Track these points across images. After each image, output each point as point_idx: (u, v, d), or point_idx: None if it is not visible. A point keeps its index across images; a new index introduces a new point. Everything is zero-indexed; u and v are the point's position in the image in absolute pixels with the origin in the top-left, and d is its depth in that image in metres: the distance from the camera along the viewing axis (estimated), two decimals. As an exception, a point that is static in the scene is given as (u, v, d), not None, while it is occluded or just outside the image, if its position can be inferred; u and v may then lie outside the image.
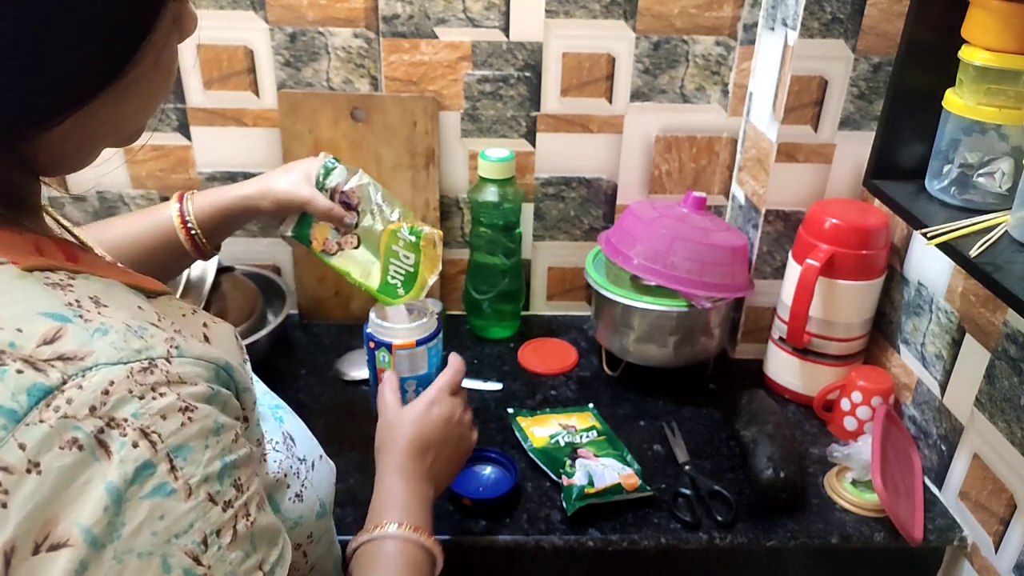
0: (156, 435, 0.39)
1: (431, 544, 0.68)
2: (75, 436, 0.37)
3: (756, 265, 1.13)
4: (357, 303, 1.24)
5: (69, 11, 0.39)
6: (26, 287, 0.40)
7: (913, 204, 0.94)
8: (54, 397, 0.37)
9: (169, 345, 0.42)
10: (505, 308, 1.22)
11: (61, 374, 0.38)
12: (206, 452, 0.41)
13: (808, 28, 0.97)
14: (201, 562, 0.40)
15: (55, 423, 0.37)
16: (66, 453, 0.37)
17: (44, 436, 0.37)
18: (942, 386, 0.94)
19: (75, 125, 0.43)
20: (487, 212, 1.15)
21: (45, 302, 0.40)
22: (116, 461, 0.38)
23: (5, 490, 0.36)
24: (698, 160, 1.20)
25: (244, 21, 1.09)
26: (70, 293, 0.41)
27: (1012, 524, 0.83)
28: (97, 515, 0.37)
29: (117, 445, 0.38)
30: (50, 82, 0.41)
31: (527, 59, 1.13)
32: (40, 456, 0.37)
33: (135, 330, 0.41)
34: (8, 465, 0.36)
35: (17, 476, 0.36)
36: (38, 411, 0.37)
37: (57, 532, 0.37)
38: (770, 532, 0.88)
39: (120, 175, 1.18)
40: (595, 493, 0.88)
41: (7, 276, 0.40)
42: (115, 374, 0.39)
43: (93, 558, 0.37)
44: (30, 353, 0.38)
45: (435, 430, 0.76)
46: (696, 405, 1.09)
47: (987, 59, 0.85)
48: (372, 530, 0.67)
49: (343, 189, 0.91)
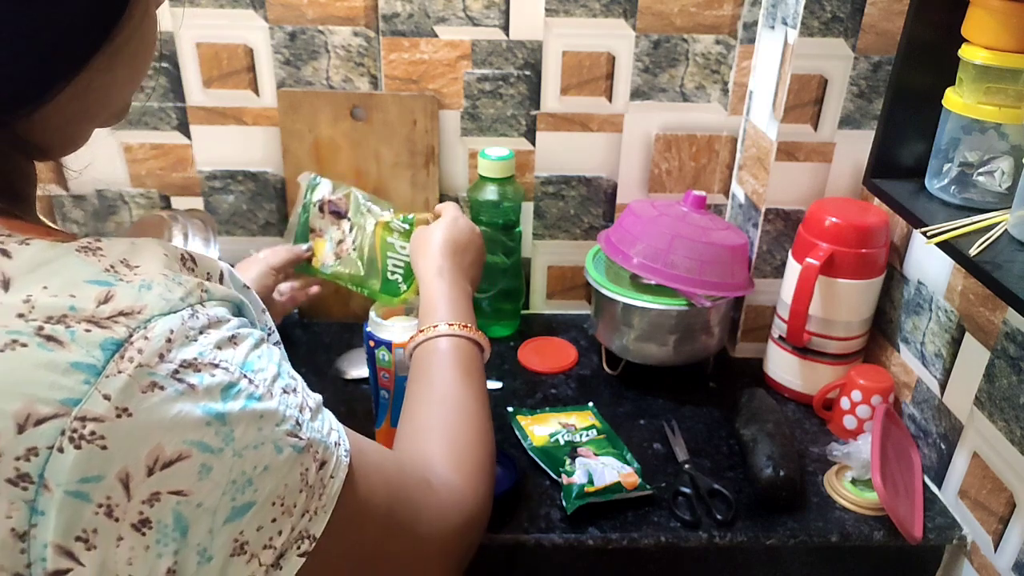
0: (225, 363, 0.44)
1: (479, 336, 0.79)
2: (153, 380, 0.41)
3: (756, 264, 1.13)
4: (357, 301, 1.24)
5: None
6: (63, 257, 0.43)
7: (913, 203, 0.94)
8: (126, 349, 0.41)
9: (201, 290, 0.46)
10: (505, 307, 1.22)
11: (126, 328, 0.41)
12: (262, 360, 0.47)
13: (808, 27, 0.97)
14: (301, 436, 0.47)
15: (133, 372, 0.40)
16: (150, 395, 0.41)
17: (125, 384, 0.40)
18: (942, 385, 0.94)
19: (69, 98, 0.45)
20: (487, 211, 1.15)
21: (85, 270, 0.42)
22: (202, 390, 0.43)
23: (101, 436, 0.39)
24: (698, 159, 1.20)
25: (244, 20, 1.09)
26: (103, 259, 0.44)
27: (1011, 523, 0.83)
28: (203, 430, 0.42)
29: (197, 379, 0.42)
30: (42, 51, 0.42)
31: (527, 58, 1.13)
32: (126, 402, 0.40)
33: (172, 279, 0.45)
34: (99, 415, 0.39)
35: (109, 423, 0.40)
36: (115, 363, 0.40)
37: (167, 453, 0.41)
38: (770, 531, 0.88)
39: (120, 174, 1.18)
40: (595, 492, 0.88)
41: (40, 248, 0.42)
42: (172, 323, 0.43)
43: (214, 460, 0.42)
44: (92, 313, 0.41)
45: (463, 233, 0.88)
46: (696, 404, 1.09)
47: (987, 58, 0.85)
48: (425, 331, 0.78)
49: (330, 199, 0.92)
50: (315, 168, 1.16)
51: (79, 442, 0.39)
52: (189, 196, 1.20)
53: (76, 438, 0.39)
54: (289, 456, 0.46)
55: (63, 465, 0.39)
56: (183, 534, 0.42)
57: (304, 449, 0.47)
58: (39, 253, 0.42)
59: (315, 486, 0.48)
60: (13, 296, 0.40)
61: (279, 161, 1.18)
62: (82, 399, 0.39)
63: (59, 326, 0.40)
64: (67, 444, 0.39)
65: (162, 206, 1.21)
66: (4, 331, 0.39)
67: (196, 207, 1.21)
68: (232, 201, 1.21)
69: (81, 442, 0.39)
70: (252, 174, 1.19)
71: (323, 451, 0.49)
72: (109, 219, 1.21)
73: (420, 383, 0.75)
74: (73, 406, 0.39)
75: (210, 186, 1.20)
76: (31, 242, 0.43)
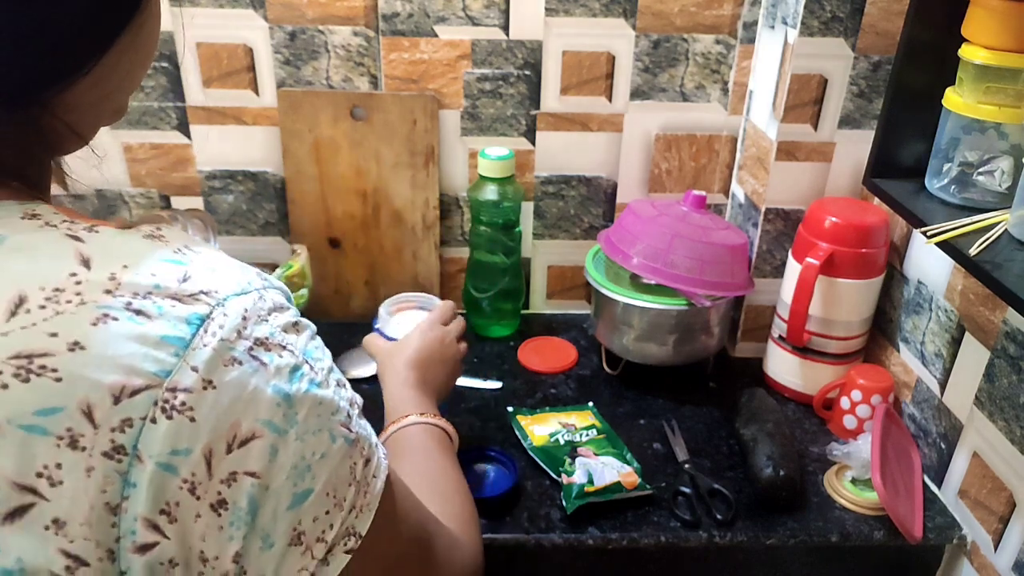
0: (291, 346, 0.46)
1: (447, 425, 0.81)
2: (233, 355, 0.43)
3: (756, 264, 1.13)
4: (357, 301, 1.24)
5: None
6: (133, 241, 0.45)
7: (913, 203, 0.94)
8: (209, 323, 0.43)
9: (261, 277, 0.48)
10: (505, 306, 1.22)
11: (207, 305, 0.43)
12: (318, 350, 0.49)
13: (808, 26, 0.97)
14: (352, 429, 0.49)
15: (216, 345, 0.42)
16: (231, 369, 0.42)
17: (210, 357, 0.42)
18: (941, 384, 0.94)
19: (93, 80, 0.46)
20: (487, 210, 1.15)
21: (158, 252, 0.44)
22: (273, 370, 0.44)
23: (190, 407, 0.41)
24: (698, 159, 1.20)
25: (243, 19, 1.09)
26: (169, 243, 0.45)
27: (1011, 522, 0.83)
28: (273, 410, 0.44)
29: (268, 358, 0.44)
30: (79, 25, 0.44)
31: (527, 57, 1.13)
32: (211, 375, 0.42)
33: (234, 266, 0.47)
34: (188, 386, 0.41)
35: (196, 394, 0.41)
36: (200, 337, 0.42)
37: (243, 431, 0.43)
38: (770, 530, 0.88)
39: (120, 173, 1.18)
40: (595, 491, 0.88)
41: (109, 233, 0.44)
42: (245, 303, 0.45)
43: (280, 442, 0.44)
44: (176, 291, 0.43)
45: (431, 348, 0.88)
46: (696, 403, 1.09)
47: (987, 57, 0.85)
48: (396, 422, 0.79)
49: None
50: (315, 168, 1.16)
51: (171, 412, 0.40)
52: (189, 196, 1.20)
53: (168, 409, 0.40)
54: (341, 447, 0.48)
55: (156, 436, 0.40)
56: (253, 518, 0.43)
57: (354, 443, 0.49)
58: (110, 238, 0.44)
59: (362, 482, 0.50)
60: (96, 273, 0.41)
61: (279, 161, 1.18)
62: (172, 371, 0.41)
63: (147, 301, 0.41)
64: (160, 415, 0.40)
65: (162, 206, 1.21)
66: (94, 305, 0.40)
67: (196, 207, 1.21)
68: (232, 201, 1.21)
69: (173, 412, 0.40)
70: (252, 174, 1.19)
71: (368, 448, 0.51)
72: (109, 219, 1.21)
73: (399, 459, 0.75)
74: (164, 377, 0.41)
75: (210, 186, 1.20)
76: (99, 229, 0.44)
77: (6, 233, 0.42)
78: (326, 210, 1.19)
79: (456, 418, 1.03)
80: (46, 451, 0.39)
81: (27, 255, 0.42)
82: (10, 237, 0.42)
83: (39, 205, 0.45)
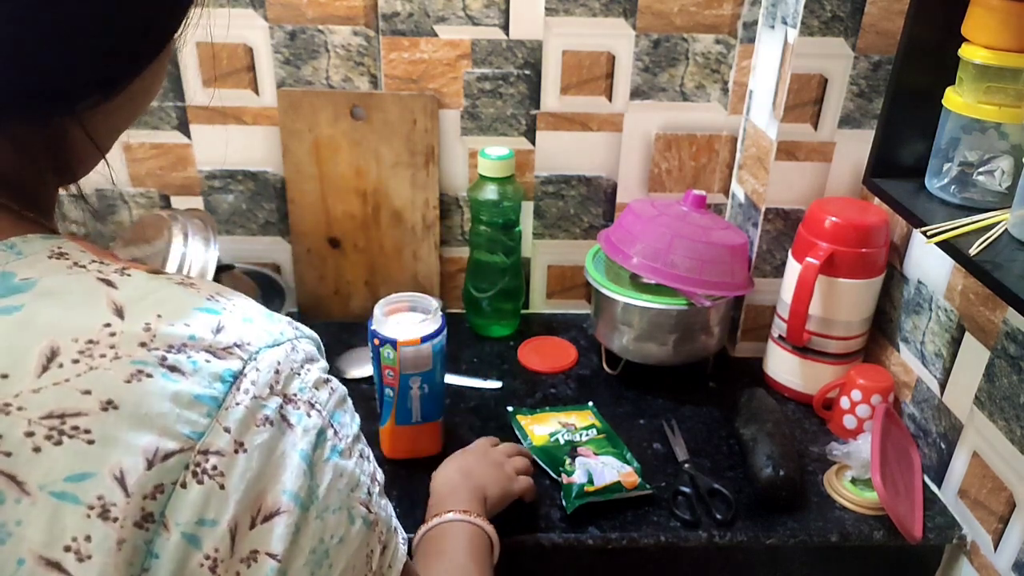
0: (319, 404, 0.43)
1: (490, 530, 0.77)
2: (266, 414, 0.41)
3: (756, 263, 1.13)
4: (357, 301, 1.24)
5: None
6: (164, 287, 0.42)
7: (913, 202, 0.94)
8: (241, 381, 0.40)
9: (292, 326, 0.46)
10: (505, 306, 1.22)
11: (240, 360, 0.41)
12: (346, 415, 0.46)
13: (808, 26, 0.97)
14: (371, 509, 0.46)
15: (249, 404, 0.40)
16: (262, 430, 0.40)
17: (242, 417, 0.40)
18: (941, 384, 0.94)
19: (122, 101, 0.45)
20: (487, 210, 1.15)
21: (191, 299, 0.42)
22: (299, 431, 0.42)
23: (221, 472, 0.39)
24: (698, 158, 1.20)
25: (243, 19, 1.09)
26: (201, 290, 0.43)
27: (1011, 522, 0.83)
28: (299, 480, 0.41)
29: (295, 418, 0.42)
30: (138, 26, 0.43)
31: (527, 57, 1.13)
32: (243, 436, 0.39)
33: (267, 314, 0.45)
34: (220, 449, 0.39)
35: (228, 458, 0.39)
36: (232, 395, 0.40)
37: (268, 503, 0.40)
38: (769, 530, 0.88)
39: (119, 173, 1.18)
40: (594, 491, 0.88)
41: (142, 279, 0.42)
42: (278, 355, 0.42)
43: (302, 519, 0.41)
44: (210, 343, 0.40)
45: (474, 458, 0.87)
46: (696, 403, 1.09)
47: (987, 57, 0.85)
48: (438, 515, 0.77)
49: None
50: (315, 168, 1.16)
51: (201, 477, 0.38)
52: (189, 196, 1.20)
53: (199, 473, 0.38)
54: (360, 530, 0.45)
55: (185, 502, 0.38)
56: None
57: (372, 525, 0.46)
58: (143, 283, 0.42)
59: (377, 573, 0.46)
60: (131, 324, 0.39)
61: (279, 160, 1.18)
62: (205, 432, 0.39)
63: (181, 355, 0.39)
64: (191, 479, 0.38)
65: (162, 206, 1.21)
66: (129, 361, 0.38)
67: (196, 207, 1.21)
68: (232, 201, 1.21)
69: (203, 477, 0.38)
70: (252, 174, 1.19)
71: (386, 532, 0.48)
72: (109, 219, 1.21)
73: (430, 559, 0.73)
74: (197, 440, 0.38)
75: (210, 186, 1.20)
76: (130, 272, 0.42)
77: (35, 276, 0.40)
78: (326, 210, 1.19)
79: (456, 418, 1.04)
80: (76, 522, 0.36)
81: (58, 301, 0.39)
82: (40, 281, 0.40)
83: (64, 242, 0.43)
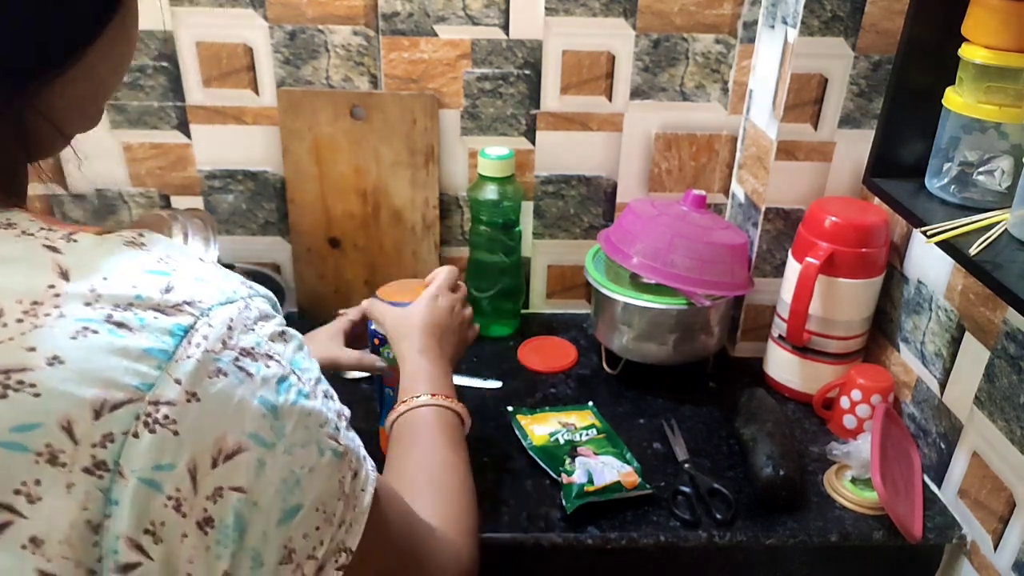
0: (277, 356, 0.45)
1: (459, 407, 0.79)
2: (219, 367, 0.42)
3: (756, 263, 1.13)
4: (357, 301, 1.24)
5: None
6: (113, 250, 0.44)
7: (913, 202, 0.94)
8: (193, 334, 0.42)
9: (247, 285, 0.47)
10: (505, 306, 1.22)
11: (191, 315, 0.42)
12: (306, 360, 0.48)
13: (808, 26, 0.97)
14: (340, 442, 0.48)
15: (200, 357, 0.42)
16: (216, 380, 0.42)
17: (193, 369, 0.41)
18: (941, 384, 0.94)
19: (79, 75, 0.46)
20: (487, 210, 1.15)
21: (140, 261, 0.44)
22: (259, 380, 0.44)
23: (173, 420, 0.40)
24: (698, 158, 1.20)
25: (243, 19, 1.09)
26: (152, 251, 0.45)
27: (1011, 522, 0.83)
28: (259, 422, 0.43)
29: (254, 368, 0.44)
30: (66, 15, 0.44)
31: (527, 57, 1.13)
32: (195, 387, 0.41)
33: (222, 275, 0.46)
34: (171, 399, 0.40)
35: (180, 407, 0.40)
36: (183, 348, 0.41)
37: (228, 444, 0.42)
38: (769, 530, 0.88)
39: (119, 173, 1.18)
40: (594, 491, 0.88)
41: (89, 242, 0.43)
42: (230, 312, 0.44)
43: (268, 456, 0.43)
44: (159, 302, 0.42)
45: (443, 316, 0.87)
46: (696, 403, 1.09)
47: (987, 57, 0.85)
48: (407, 401, 0.78)
49: None
50: (315, 167, 1.16)
51: (153, 426, 0.40)
52: (189, 195, 1.20)
53: (151, 423, 0.40)
54: (330, 460, 0.47)
55: (138, 450, 0.39)
56: (241, 535, 0.42)
57: (342, 455, 0.48)
58: (89, 247, 0.43)
59: (351, 496, 0.49)
60: (76, 286, 0.41)
61: (278, 160, 1.18)
62: (155, 384, 0.40)
63: (128, 313, 0.41)
64: (142, 429, 0.40)
65: (162, 205, 1.21)
66: (73, 319, 0.40)
67: (196, 206, 1.21)
68: (232, 200, 1.21)
69: (155, 426, 0.40)
70: (252, 173, 1.19)
71: (356, 461, 0.50)
72: (109, 218, 1.21)
73: (406, 446, 0.75)
74: (147, 391, 0.40)
75: (210, 185, 1.20)
76: (77, 237, 0.43)
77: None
78: (326, 210, 1.19)
79: (456, 418, 1.04)
80: (25, 468, 0.38)
81: (4, 267, 0.41)
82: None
83: (15, 213, 0.44)
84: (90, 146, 1.16)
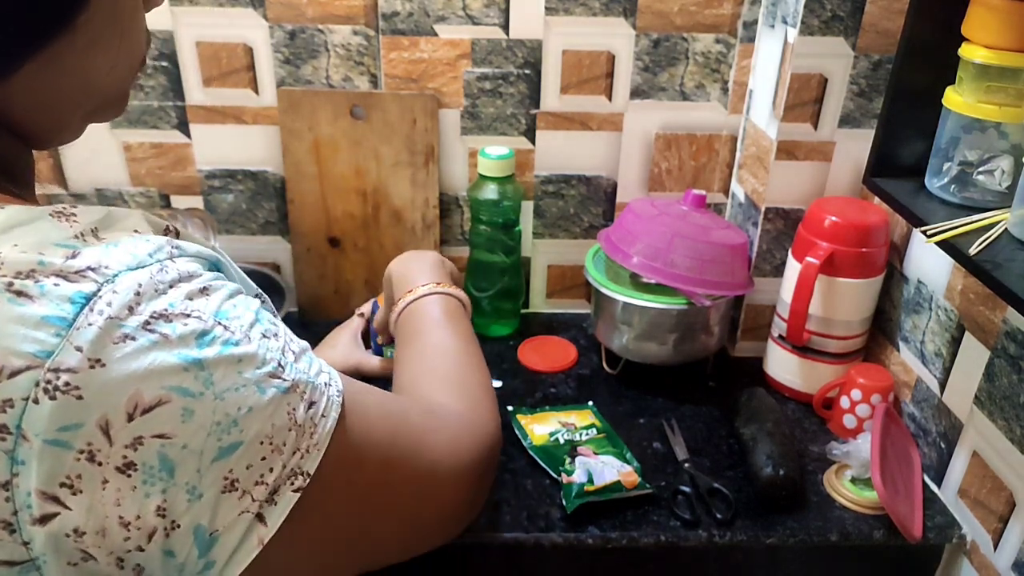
0: (196, 312, 0.45)
1: (461, 293, 0.80)
2: (124, 332, 0.42)
3: (756, 263, 1.13)
4: (357, 301, 1.24)
5: None
6: (35, 219, 0.44)
7: (913, 202, 0.94)
8: (95, 302, 0.41)
9: (171, 246, 0.47)
10: (504, 306, 1.22)
11: (94, 282, 0.42)
12: (237, 308, 0.48)
13: (808, 25, 0.97)
14: (284, 377, 0.48)
15: (103, 324, 0.41)
16: (122, 345, 0.41)
17: (95, 337, 0.41)
18: (941, 384, 0.94)
19: (39, 75, 0.45)
20: (487, 210, 1.15)
21: (56, 234, 0.43)
22: (176, 339, 0.43)
23: (76, 387, 0.40)
24: (698, 158, 1.20)
25: (243, 18, 1.09)
26: (75, 225, 0.44)
27: (1011, 522, 0.83)
28: (181, 376, 0.43)
29: (169, 329, 0.43)
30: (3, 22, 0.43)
31: (527, 57, 1.13)
32: (98, 353, 0.41)
33: (140, 238, 0.46)
34: (72, 367, 0.40)
35: (83, 374, 0.40)
36: (84, 316, 0.41)
37: (146, 399, 0.42)
38: (769, 530, 0.88)
39: (119, 173, 1.17)
40: (594, 491, 0.88)
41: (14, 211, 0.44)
42: (140, 276, 0.43)
43: (196, 403, 0.43)
44: (60, 267, 0.41)
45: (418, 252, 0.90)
46: (696, 403, 1.09)
47: (987, 57, 0.85)
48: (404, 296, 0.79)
49: None
50: (315, 167, 1.16)
51: (53, 393, 0.40)
52: (189, 195, 1.20)
53: (51, 389, 0.40)
54: (274, 397, 0.47)
55: (39, 415, 0.40)
56: (170, 474, 0.43)
57: (289, 389, 0.48)
58: (13, 215, 0.43)
59: (304, 425, 0.49)
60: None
61: (279, 160, 1.18)
62: (54, 351, 0.40)
63: (28, 280, 0.41)
64: (42, 395, 0.40)
65: (162, 205, 1.21)
66: None
67: (196, 206, 1.21)
68: (232, 200, 1.21)
69: (56, 393, 0.40)
70: (252, 173, 1.19)
71: (311, 391, 0.50)
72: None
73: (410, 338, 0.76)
74: (46, 358, 0.40)
75: (210, 185, 1.20)
76: (6, 207, 0.44)
77: None
78: (326, 209, 1.19)
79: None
80: None
81: None
82: None
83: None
84: (90, 146, 1.17)
